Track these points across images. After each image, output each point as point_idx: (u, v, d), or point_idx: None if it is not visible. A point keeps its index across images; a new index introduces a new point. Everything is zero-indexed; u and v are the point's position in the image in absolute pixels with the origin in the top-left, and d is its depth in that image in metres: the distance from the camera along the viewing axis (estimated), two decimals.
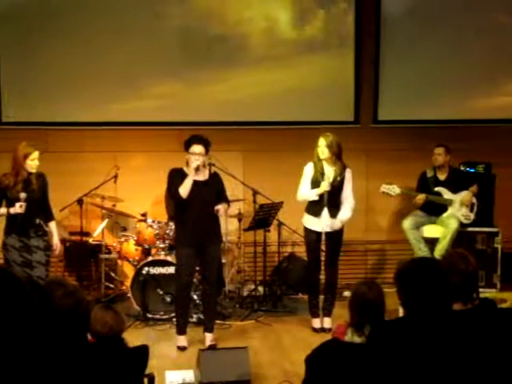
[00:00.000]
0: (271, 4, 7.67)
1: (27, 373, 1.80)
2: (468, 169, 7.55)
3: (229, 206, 5.94)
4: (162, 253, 6.65)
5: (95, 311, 3.28)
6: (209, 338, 5.84)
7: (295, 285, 7.35)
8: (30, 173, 5.67)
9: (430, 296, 2.68)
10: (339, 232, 6.17)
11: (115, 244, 7.12)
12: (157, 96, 7.56)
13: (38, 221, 5.72)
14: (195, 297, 6.50)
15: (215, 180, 5.81)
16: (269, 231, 7.10)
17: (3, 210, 5.64)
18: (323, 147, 6.01)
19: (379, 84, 7.80)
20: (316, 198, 6.04)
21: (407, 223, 7.10)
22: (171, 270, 6.39)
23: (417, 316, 2.70)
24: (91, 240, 7.19)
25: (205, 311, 6.00)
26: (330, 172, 6.02)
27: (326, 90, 7.71)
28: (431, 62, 7.76)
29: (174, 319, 6.04)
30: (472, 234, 7.26)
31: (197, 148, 5.58)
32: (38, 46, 7.38)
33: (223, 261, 6.97)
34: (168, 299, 6.42)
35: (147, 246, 6.80)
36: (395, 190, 6.82)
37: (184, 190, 5.58)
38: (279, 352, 5.76)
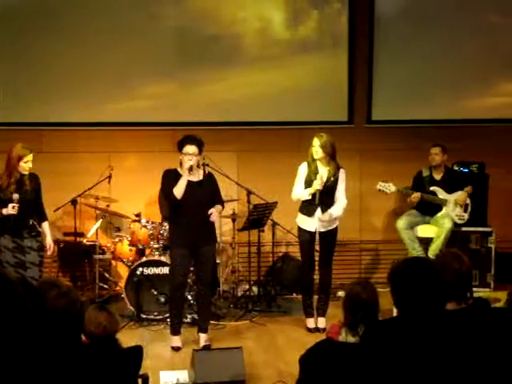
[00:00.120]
0: (265, 4, 7.66)
1: (21, 374, 1.80)
2: (461, 169, 7.56)
3: (223, 207, 5.94)
4: (156, 253, 6.64)
5: (89, 312, 3.28)
6: (203, 339, 5.83)
7: (289, 285, 7.36)
8: (23, 174, 5.66)
9: (424, 296, 2.68)
10: (333, 232, 6.17)
11: (109, 244, 7.11)
12: (150, 96, 7.55)
13: (31, 221, 5.71)
14: (189, 297, 6.49)
15: (209, 180, 5.80)
16: (263, 231, 7.10)
17: None
18: (317, 147, 6.00)
19: (373, 84, 7.80)
20: (309, 198, 6.04)
21: (401, 223, 7.12)
22: (165, 271, 6.39)
23: (410, 316, 2.71)
24: (85, 240, 7.17)
25: (199, 311, 5.99)
26: (324, 172, 6.02)
27: (320, 90, 7.71)
28: (424, 62, 7.77)
29: (168, 320, 6.03)
30: (466, 234, 7.29)
31: (190, 148, 5.57)
32: (32, 47, 7.36)
33: (217, 261, 6.98)
34: (162, 300, 6.41)
35: (141, 247, 6.79)
36: (391, 188, 6.83)
37: (178, 191, 5.57)
38: (273, 352, 5.76)
